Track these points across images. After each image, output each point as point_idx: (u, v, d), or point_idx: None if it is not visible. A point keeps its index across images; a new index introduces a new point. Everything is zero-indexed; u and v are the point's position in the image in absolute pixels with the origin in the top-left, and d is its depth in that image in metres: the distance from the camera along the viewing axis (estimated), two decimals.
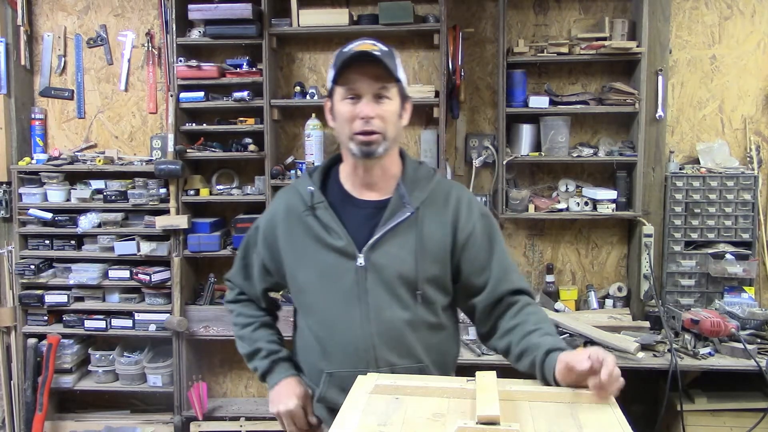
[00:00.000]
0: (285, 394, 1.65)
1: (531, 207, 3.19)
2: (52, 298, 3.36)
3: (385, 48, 1.53)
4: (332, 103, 1.58)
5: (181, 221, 3.23)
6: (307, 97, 3.23)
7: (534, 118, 3.19)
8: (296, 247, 1.61)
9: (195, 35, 3.27)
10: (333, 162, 1.69)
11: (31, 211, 3.33)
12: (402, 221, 1.55)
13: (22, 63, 3.44)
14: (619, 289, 3.28)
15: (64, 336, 3.39)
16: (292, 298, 1.70)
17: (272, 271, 1.70)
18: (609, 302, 3.27)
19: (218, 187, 3.37)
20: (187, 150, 3.25)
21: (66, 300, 3.36)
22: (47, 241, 3.39)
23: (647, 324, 3.02)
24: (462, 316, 3.21)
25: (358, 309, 1.54)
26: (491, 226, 1.63)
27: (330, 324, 1.57)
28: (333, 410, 1.61)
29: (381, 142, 1.52)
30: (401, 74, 1.55)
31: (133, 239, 3.32)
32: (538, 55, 3.12)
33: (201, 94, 3.23)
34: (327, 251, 1.56)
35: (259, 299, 1.77)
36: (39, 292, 3.37)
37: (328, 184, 1.65)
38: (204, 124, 3.30)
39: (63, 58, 3.50)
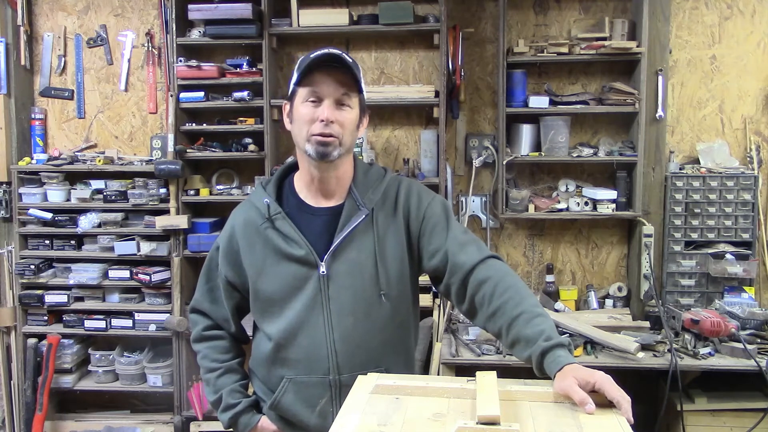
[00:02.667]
0: None
1: (531, 207, 3.19)
2: (52, 298, 3.36)
3: (350, 59, 1.55)
4: (291, 107, 1.59)
5: (181, 221, 3.23)
6: None
7: (534, 118, 3.19)
8: (257, 260, 1.61)
9: (195, 35, 3.27)
10: (285, 173, 1.71)
11: (31, 211, 3.33)
12: (358, 224, 1.57)
13: (22, 63, 3.44)
14: (619, 289, 3.28)
15: (64, 336, 3.39)
16: (252, 309, 1.68)
17: (238, 286, 1.68)
18: (609, 302, 3.27)
19: (218, 187, 3.37)
20: (187, 150, 3.25)
21: (66, 300, 3.36)
22: (47, 241, 3.39)
23: (647, 324, 3.02)
24: (462, 316, 3.21)
25: (321, 316, 1.56)
26: (443, 209, 1.64)
27: (293, 332, 1.58)
28: (283, 418, 1.63)
29: (337, 147, 1.54)
30: (363, 87, 1.57)
31: (133, 239, 3.32)
32: (538, 55, 3.12)
33: (201, 94, 3.23)
34: (288, 262, 1.57)
35: (229, 322, 1.73)
36: (39, 292, 3.37)
37: (282, 194, 1.66)
38: (204, 124, 3.30)
39: (63, 58, 3.50)
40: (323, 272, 1.56)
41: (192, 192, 3.28)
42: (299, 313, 1.57)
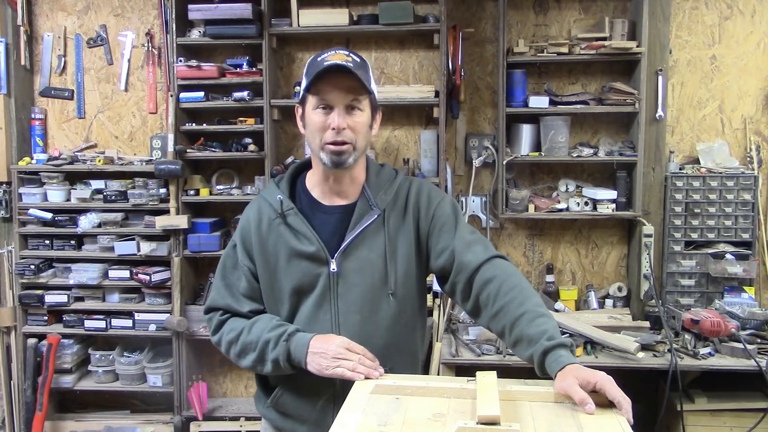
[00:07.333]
0: (325, 340, 1.50)
1: (531, 207, 3.19)
2: (52, 298, 3.36)
3: (358, 59, 1.55)
4: (303, 110, 1.60)
5: (181, 221, 3.23)
6: None
7: (534, 118, 3.19)
8: (268, 256, 1.61)
9: (195, 35, 3.27)
10: (298, 171, 1.71)
11: (31, 211, 3.33)
12: (370, 224, 1.59)
13: (22, 63, 3.44)
14: (619, 289, 3.28)
15: (64, 336, 3.39)
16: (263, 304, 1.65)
17: (257, 276, 1.64)
18: (609, 302, 3.27)
19: (218, 187, 3.37)
20: (187, 150, 3.25)
21: (66, 300, 3.36)
22: (47, 241, 3.39)
23: (647, 324, 3.02)
24: (462, 316, 3.21)
25: (329, 313, 1.57)
26: (452, 209, 1.65)
27: (301, 327, 1.57)
28: (282, 412, 1.63)
29: (351, 153, 1.55)
30: (373, 86, 1.57)
31: (133, 239, 3.32)
32: (538, 55, 3.12)
33: (201, 94, 3.23)
34: (299, 258, 1.58)
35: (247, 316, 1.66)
36: (39, 292, 3.37)
37: (295, 192, 1.67)
38: (204, 124, 3.30)
39: (63, 58, 3.50)
40: (334, 269, 1.57)
41: (192, 192, 3.28)
42: (307, 309, 1.58)
